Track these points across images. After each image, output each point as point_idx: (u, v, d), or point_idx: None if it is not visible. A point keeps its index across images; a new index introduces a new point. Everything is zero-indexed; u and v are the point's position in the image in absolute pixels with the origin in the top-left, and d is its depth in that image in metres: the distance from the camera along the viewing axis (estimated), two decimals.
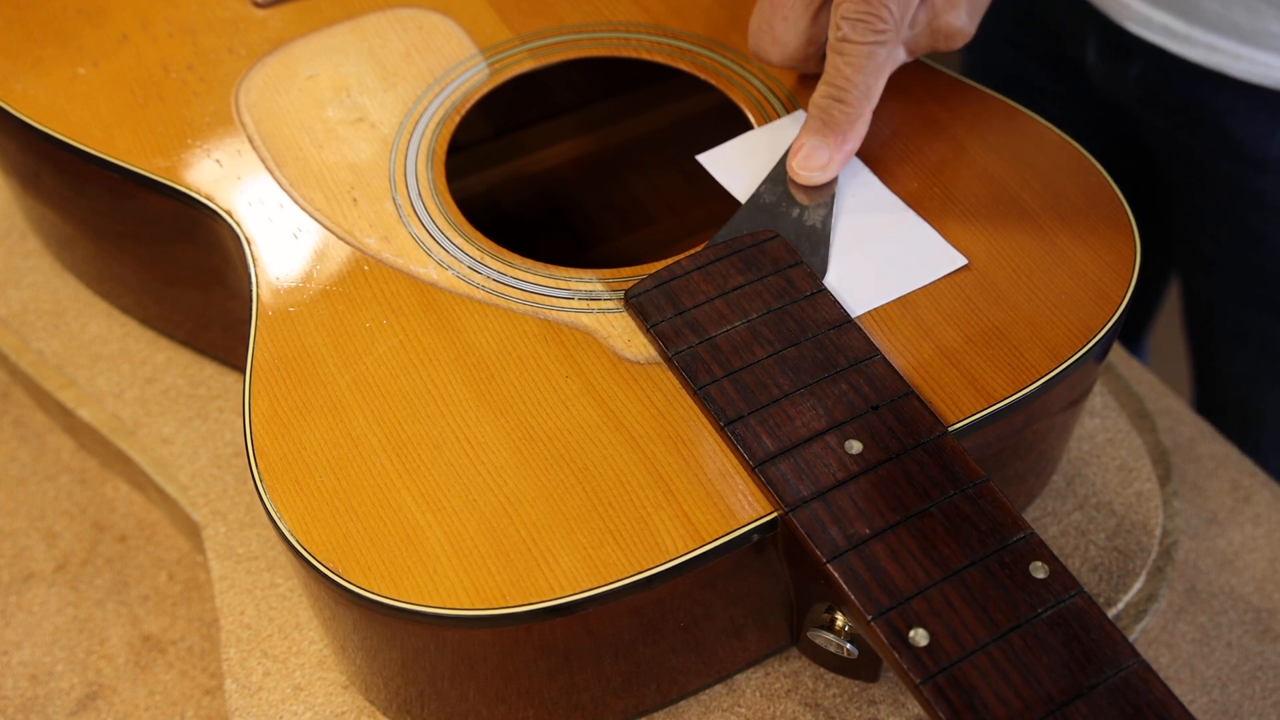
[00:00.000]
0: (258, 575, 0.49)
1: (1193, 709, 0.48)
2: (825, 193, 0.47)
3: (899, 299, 0.43)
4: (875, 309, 0.43)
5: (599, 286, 0.44)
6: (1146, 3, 0.61)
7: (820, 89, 0.46)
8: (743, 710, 0.44)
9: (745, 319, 0.42)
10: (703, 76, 0.53)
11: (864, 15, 0.45)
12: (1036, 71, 0.73)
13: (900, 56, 0.48)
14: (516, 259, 0.45)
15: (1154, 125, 0.67)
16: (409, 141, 0.49)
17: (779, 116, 0.50)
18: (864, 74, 0.45)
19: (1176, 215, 0.72)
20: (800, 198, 0.46)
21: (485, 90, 0.52)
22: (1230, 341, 0.72)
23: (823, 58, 0.48)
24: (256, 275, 0.45)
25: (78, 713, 0.49)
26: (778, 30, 0.48)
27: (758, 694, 0.44)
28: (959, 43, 0.48)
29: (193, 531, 0.52)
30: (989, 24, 0.51)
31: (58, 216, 0.56)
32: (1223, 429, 0.59)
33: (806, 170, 0.46)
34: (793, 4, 0.47)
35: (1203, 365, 0.77)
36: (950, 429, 0.39)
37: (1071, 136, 0.49)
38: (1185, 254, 0.73)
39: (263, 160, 0.49)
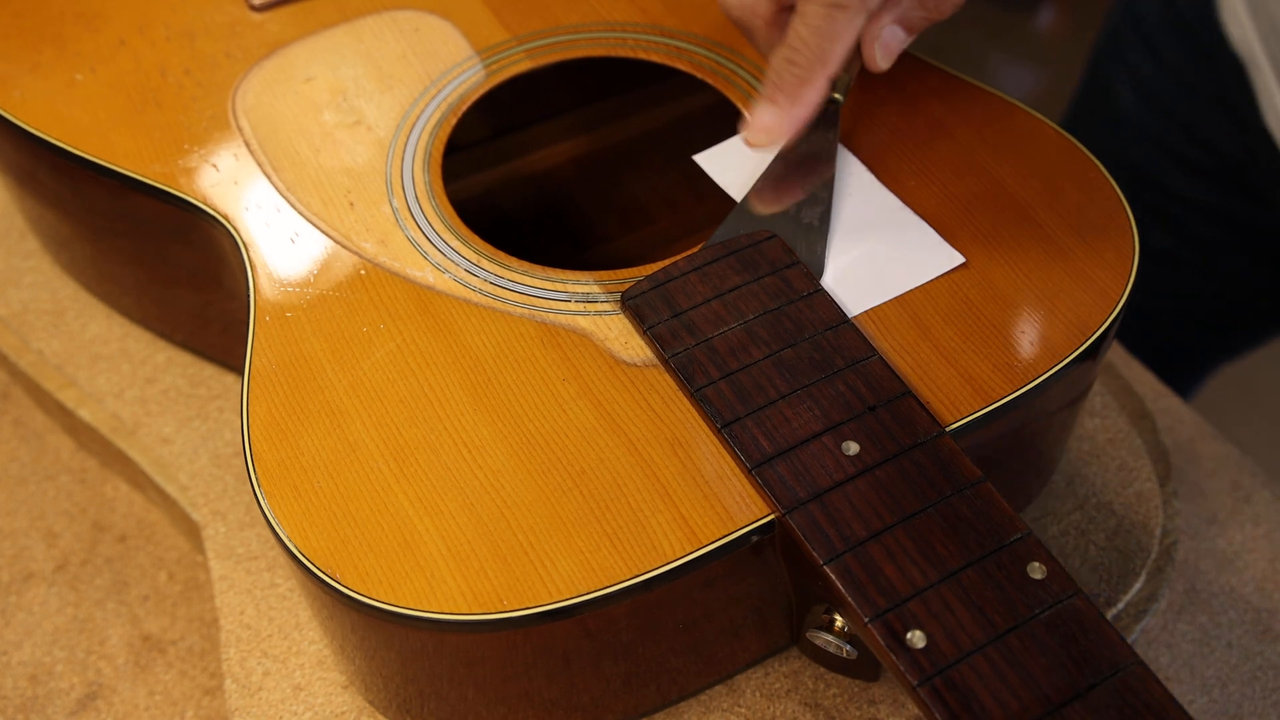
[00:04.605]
0: (258, 575, 0.49)
1: (1193, 709, 0.48)
2: (824, 194, 0.47)
3: (896, 298, 0.43)
4: (873, 309, 0.43)
5: (595, 289, 0.44)
6: None
7: (777, 50, 0.45)
8: (743, 710, 0.44)
9: (742, 320, 0.42)
10: (700, 76, 0.53)
11: None
12: None
13: (861, 25, 0.45)
14: (513, 261, 0.45)
15: None
16: (406, 144, 0.49)
17: None
18: (819, 36, 0.44)
19: None
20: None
21: (482, 92, 0.52)
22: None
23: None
24: (254, 280, 0.45)
25: (78, 713, 0.50)
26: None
27: (758, 694, 0.45)
28: (950, 9, 0.46)
29: (193, 531, 0.52)
30: None
31: (56, 219, 0.56)
32: None
33: (751, 132, 0.46)
34: None
35: None
36: (948, 429, 0.39)
37: None
38: None
39: (260, 164, 0.49)
